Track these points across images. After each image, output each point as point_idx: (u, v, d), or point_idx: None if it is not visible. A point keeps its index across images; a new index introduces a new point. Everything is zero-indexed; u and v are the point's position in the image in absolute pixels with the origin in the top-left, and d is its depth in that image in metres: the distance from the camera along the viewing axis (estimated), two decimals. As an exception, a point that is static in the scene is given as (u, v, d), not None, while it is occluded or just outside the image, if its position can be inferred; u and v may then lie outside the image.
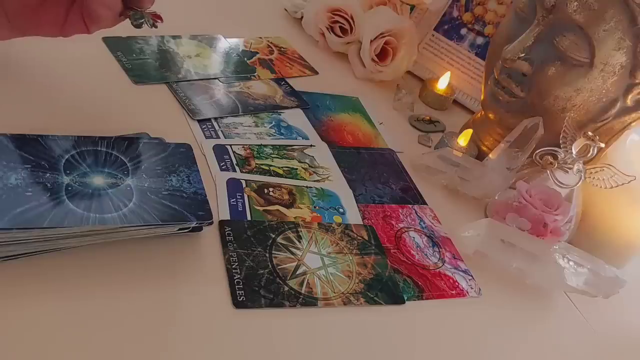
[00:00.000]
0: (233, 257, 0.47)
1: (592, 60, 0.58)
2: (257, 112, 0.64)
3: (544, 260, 0.55)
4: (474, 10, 0.81)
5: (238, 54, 0.73)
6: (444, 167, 0.64)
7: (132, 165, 0.47)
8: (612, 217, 0.63)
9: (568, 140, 0.59)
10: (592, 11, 0.56)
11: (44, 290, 0.39)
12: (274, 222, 0.51)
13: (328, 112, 0.69)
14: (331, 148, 0.63)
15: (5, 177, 0.40)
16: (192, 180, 0.48)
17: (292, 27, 0.84)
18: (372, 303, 0.48)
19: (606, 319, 0.59)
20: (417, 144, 0.72)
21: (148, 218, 0.43)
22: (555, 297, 0.58)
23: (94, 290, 0.41)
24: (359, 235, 0.54)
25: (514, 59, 0.61)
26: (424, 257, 0.55)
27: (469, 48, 0.81)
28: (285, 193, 0.55)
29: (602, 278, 0.56)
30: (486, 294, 0.54)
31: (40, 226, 0.39)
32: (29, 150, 0.43)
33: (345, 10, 0.78)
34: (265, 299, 0.45)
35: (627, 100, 0.61)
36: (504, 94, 0.64)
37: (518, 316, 0.55)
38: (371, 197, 0.59)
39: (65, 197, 0.41)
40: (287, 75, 0.72)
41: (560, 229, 0.58)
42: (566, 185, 0.59)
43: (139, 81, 0.61)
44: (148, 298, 0.42)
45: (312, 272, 0.48)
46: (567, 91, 0.60)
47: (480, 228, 0.56)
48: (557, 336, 0.55)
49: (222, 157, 0.56)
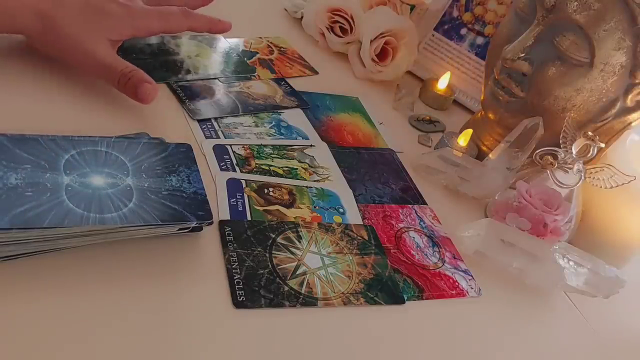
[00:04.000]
0: (233, 257, 0.47)
1: (592, 60, 0.58)
2: (257, 112, 0.64)
3: (543, 260, 0.56)
4: (474, 10, 0.81)
5: (238, 54, 0.73)
6: (444, 167, 0.64)
7: (132, 165, 0.47)
8: (612, 217, 0.63)
9: (568, 140, 0.59)
10: (592, 11, 0.56)
11: (44, 290, 0.39)
12: (274, 222, 0.51)
13: (328, 112, 0.69)
14: (331, 148, 0.63)
15: (5, 177, 0.40)
16: (192, 180, 0.48)
17: (292, 27, 0.84)
18: (372, 303, 0.48)
19: (606, 319, 0.59)
20: (417, 144, 0.72)
21: (148, 218, 0.43)
22: (555, 297, 0.58)
23: (94, 290, 0.41)
24: (359, 235, 0.54)
25: (514, 59, 0.61)
26: (424, 257, 0.55)
27: (469, 48, 0.81)
28: (285, 193, 0.55)
29: (602, 278, 0.56)
30: (486, 294, 0.54)
31: (40, 226, 0.39)
32: (29, 150, 0.43)
33: (345, 10, 0.78)
34: (265, 299, 0.45)
35: (627, 100, 0.61)
36: (504, 94, 0.64)
37: (518, 316, 0.55)
38: (371, 197, 0.59)
39: (65, 197, 0.41)
40: (287, 75, 0.72)
41: (560, 229, 0.58)
42: (566, 185, 0.59)
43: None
44: (148, 298, 0.42)
45: (312, 272, 0.48)
46: (567, 91, 0.60)
47: (480, 228, 0.56)
48: (557, 336, 0.55)
49: (222, 157, 0.56)
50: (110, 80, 0.55)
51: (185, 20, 0.60)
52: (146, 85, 0.54)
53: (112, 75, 0.54)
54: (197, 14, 0.61)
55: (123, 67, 0.54)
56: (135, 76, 0.54)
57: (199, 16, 0.62)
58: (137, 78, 0.54)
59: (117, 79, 0.54)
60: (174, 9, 0.60)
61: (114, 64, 0.55)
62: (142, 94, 0.54)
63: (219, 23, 0.64)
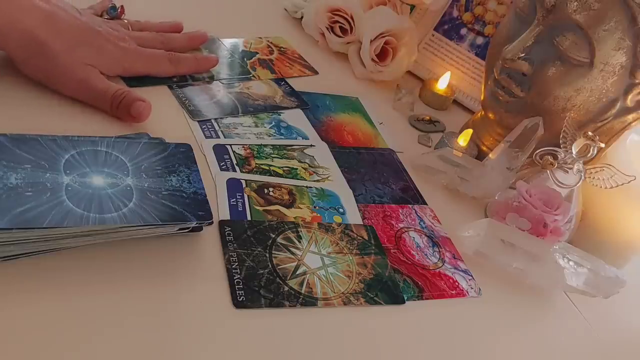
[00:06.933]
0: (233, 257, 0.47)
1: (592, 60, 0.58)
2: (256, 113, 0.64)
3: (543, 260, 0.55)
4: (474, 10, 0.81)
5: (238, 54, 0.73)
6: (444, 167, 0.64)
7: (132, 165, 0.47)
8: (612, 217, 0.63)
9: (568, 140, 0.59)
10: (592, 11, 0.56)
11: (44, 290, 0.39)
12: (274, 222, 0.51)
13: (328, 112, 0.69)
14: (331, 148, 0.63)
15: (5, 177, 0.40)
16: (192, 180, 0.48)
17: (292, 27, 0.84)
18: (372, 303, 0.48)
19: (606, 319, 0.59)
20: (417, 144, 0.72)
21: (148, 218, 0.43)
22: (555, 297, 0.58)
23: (94, 290, 0.41)
24: (359, 235, 0.54)
25: (514, 59, 0.61)
26: (424, 257, 0.55)
27: (469, 48, 0.81)
28: (285, 193, 0.55)
29: (602, 278, 0.56)
30: (486, 294, 0.54)
31: (40, 226, 0.39)
32: (29, 150, 0.43)
33: (345, 10, 0.78)
34: (265, 299, 0.45)
35: (627, 100, 0.61)
36: (504, 94, 0.64)
37: (518, 316, 0.55)
38: (371, 197, 0.59)
39: (65, 197, 0.41)
40: (287, 75, 0.72)
41: (560, 229, 0.58)
42: (566, 185, 0.59)
43: (139, 83, 0.61)
44: (148, 298, 0.42)
45: (312, 272, 0.48)
46: (567, 91, 0.60)
47: (480, 228, 0.56)
48: (557, 336, 0.55)
49: (222, 157, 0.56)
50: (102, 105, 0.55)
51: (173, 68, 0.63)
52: (139, 103, 0.54)
53: (104, 100, 0.55)
54: (185, 57, 0.64)
55: (114, 90, 0.55)
56: (127, 96, 0.54)
57: (186, 61, 0.64)
58: (129, 98, 0.54)
59: (110, 103, 0.54)
60: (164, 57, 0.62)
61: (105, 89, 0.55)
62: (135, 111, 0.54)
63: (205, 61, 0.66)
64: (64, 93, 0.55)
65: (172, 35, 0.66)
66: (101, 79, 0.56)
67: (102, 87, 0.55)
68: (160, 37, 0.65)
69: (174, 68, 0.63)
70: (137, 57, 0.60)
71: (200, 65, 0.66)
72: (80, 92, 0.55)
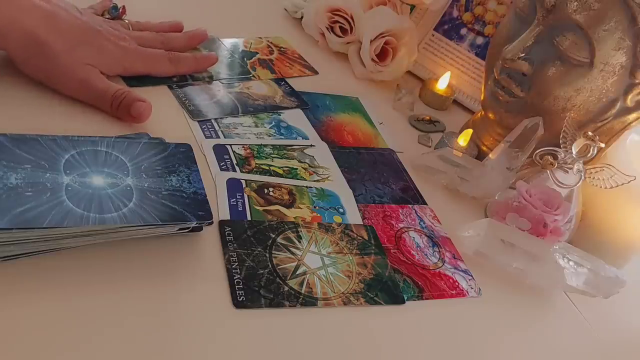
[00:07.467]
0: (233, 257, 0.47)
1: (592, 60, 0.58)
2: (256, 113, 0.64)
3: (543, 260, 0.55)
4: (474, 10, 0.81)
5: (238, 54, 0.73)
6: (444, 167, 0.64)
7: (132, 165, 0.47)
8: (612, 217, 0.63)
9: (568, 140, 0.59)
10: (592, 11, 0.56)
11: (44, 290, 0.39)
12: (274, 222, 0.51)
13: (328, 112, 0.69)
14: (331, 148, 0.63)
15: (5, 177, 0.40)
16: (192, 180, 0.48)
17: (292, 27, 0.84)
18: (372, 303, 0.48)
19: (606, 319, 0.59)
20: (417, 144, 0.72)
21: (148, 218, 0.43)
22: (555, 297, 0.58)
23: (94, 290, 0.41)
24: (359, 235, 0.54)
25: (514, 59, 0.61)
26: (424, 257, 0.55)
27: (469, 48, 0.81)
28: (285, 193, 0.55)
29: (602, 278, 0.56)
30: (486, 294, 0.54)
31: (40, 226, 0.39)
32: (29, 150, 0.43)
33: (345, 10, 0.78)
34: (265, 299, 0.45)
35: (627, 100, 0.61)
36: (504, 94, 0.64)
37: (518, 316, 0.55)
38: (371, 197, 0.59)
39: (65, 197, 0.41)
40: (287, 75, 0.72)
41: (560, 229, 0.58)
42: (566, 185, 0.59)
43: (139, 83, 0.61)
44: (148, 298, 0.42)
45: (312, 272, 0.48)
46: (567, 91, 0.60)
47: (480, 228, 0.56)
48: (557, 336, 0.55)
49: (222, 157, 0.56)
50: (103, 105, 0.55)
51: (173, 68, 0.63)
52: (139, 103, 0.54)
53: (105, 100, 0.54)
54: (185, 57, 0.64)
55: (114, 90, 0.55)
56: (128, 96, 0.54)
57: (186, 60, 0.64)
58: (129, 98, 0.54)
59: (110, 103, 0.54)
60: (164, 56, 0.62)
61: (105, 89, 0.55)
62: (135, 112, 0.54)
63: (204, 60, 0.66)
64: (64, 93, 0.55)
65: (172, 34, 0.66)
66: (101, 78, 0.56)
67: (102, 87, 0.55)
68: (160, 36, 0.65)
69: (174, 68, 0.63)
70: (137, 56, 0.60)
71: (200, 64, 0.66)
72: (81, 92, 0.55)
